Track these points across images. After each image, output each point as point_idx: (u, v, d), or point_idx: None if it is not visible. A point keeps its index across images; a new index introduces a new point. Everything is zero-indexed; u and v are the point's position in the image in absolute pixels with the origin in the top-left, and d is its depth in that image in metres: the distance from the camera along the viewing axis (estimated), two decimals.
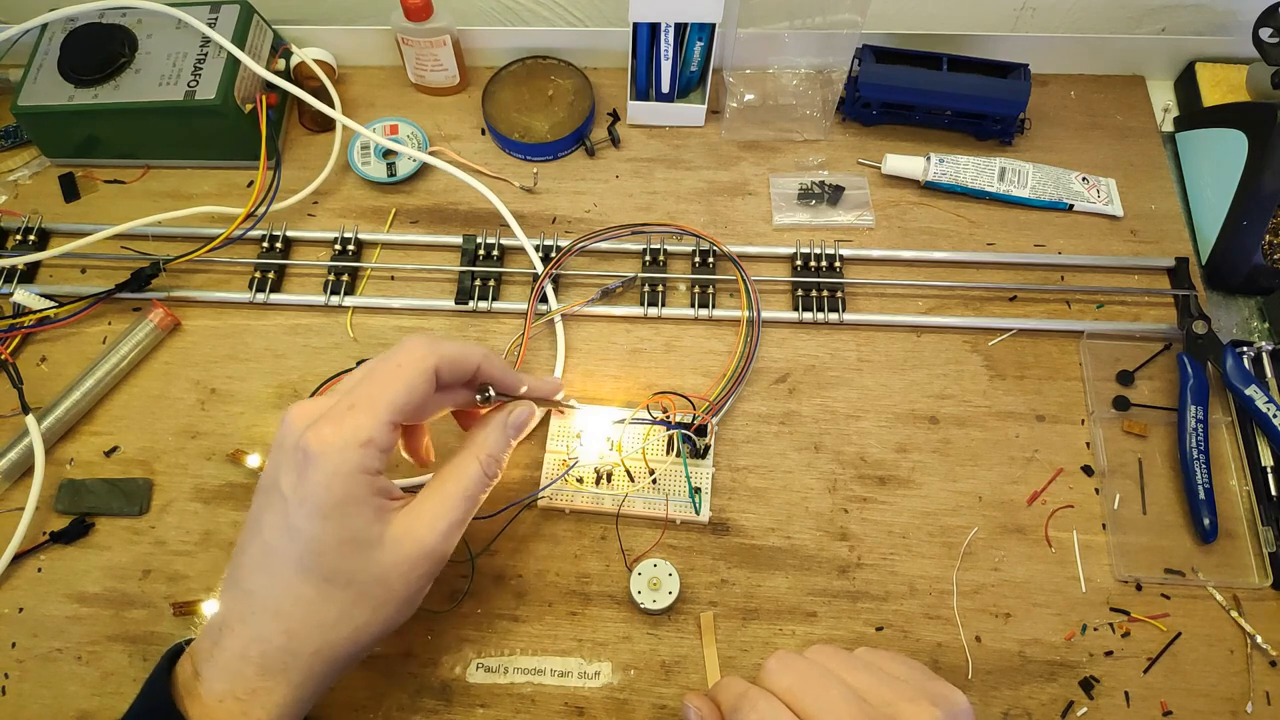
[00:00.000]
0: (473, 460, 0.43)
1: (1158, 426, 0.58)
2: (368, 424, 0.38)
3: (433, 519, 0.41)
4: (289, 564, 0.38)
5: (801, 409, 0.58)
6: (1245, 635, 0.52)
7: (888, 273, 0.64)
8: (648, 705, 0.50)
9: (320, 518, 0.37)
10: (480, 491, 0.44)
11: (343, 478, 0.37)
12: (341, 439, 0.38)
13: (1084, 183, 0.66)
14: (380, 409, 0.39)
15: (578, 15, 0.69)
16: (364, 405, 0.39)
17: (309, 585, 0.38)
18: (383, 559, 0.39)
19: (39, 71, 0.63)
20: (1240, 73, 0.69)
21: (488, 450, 0.44)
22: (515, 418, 0.46)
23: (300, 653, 0.39)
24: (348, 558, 0.38)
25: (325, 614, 0.39)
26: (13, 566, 0.53)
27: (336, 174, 0.67)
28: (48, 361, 0.60)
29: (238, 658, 0.38)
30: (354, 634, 0.40)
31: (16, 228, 0.64)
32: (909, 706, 0.33)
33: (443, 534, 0.41)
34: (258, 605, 0.39)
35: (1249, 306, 0.63)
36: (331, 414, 0.39)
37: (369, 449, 0.38)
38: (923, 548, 0.54)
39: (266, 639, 0.38)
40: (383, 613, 0.40)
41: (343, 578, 0.39)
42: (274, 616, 0.38)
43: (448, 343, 0.42)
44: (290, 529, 0.38)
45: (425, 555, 0.41)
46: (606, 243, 0.64)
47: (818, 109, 0.70)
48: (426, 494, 0.42)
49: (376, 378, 0.40)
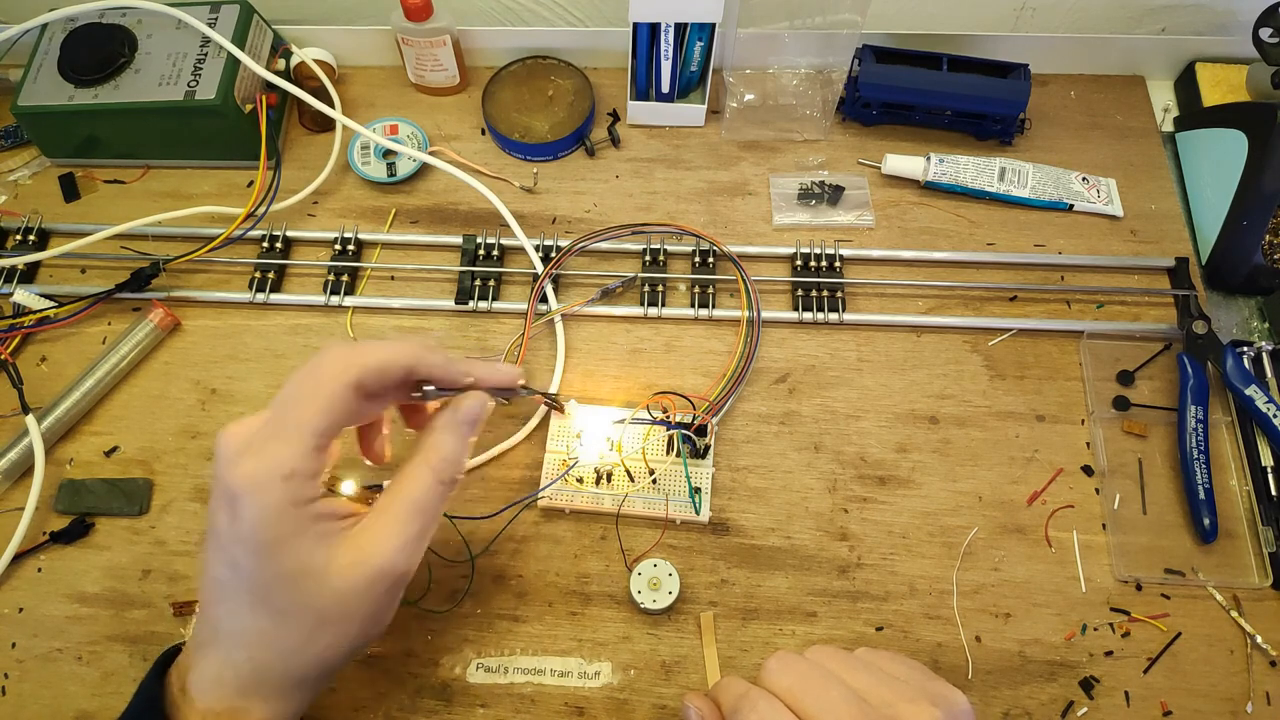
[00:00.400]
0: (423, 467, 0.40)
1: (1158, 426, 0.58)
2: (288, 455, 0.36)
3: (385, 537, 0.38)
4: (240, 599, 0.37)
5: (801, 409, 0.58)
6: (1245, 635, 0.52)
7: (888, 273, 0.64)
8: (648, 705, 0.50)
9: (259, 555, 0.36)
10: (438, 500, 0.40)
11: (273, 516, 0.35)
12: (264, 475, 0.35)
13: (1084, 183, 0.66)
14: (299, 436, 0.36)
15: (578, 15, 0.69)
16: (283, 433, 0.36)
17: (263, 618, 0.37)
18: (335, 585, 0.37)
19: (39, 71, 0.63)
20: (1240, 73, 0.69)
21: (439, 454, 0.40)
22: (464, 414, 0.41)
23: (268, 677, 0.38)
24: (295, 590, 0.37)
25: (286, 642, 0.38)
26: (13, 566, 0.53)
27: (336, 174, 0.67)
28: (48, 361, 0.61)
29: (213, 680, 0.38)
30: (320, 656, 0.39)
31: (16, 228, 0.64)
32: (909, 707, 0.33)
33: (396, 551, 0.38)
34: (221, 635, 0.38)
35: (1249, 306, 0.63)
36: (253, 446, 0.36)
37: (294, 481, 0.36)
38: (923, 548, 0.54)
39: (235, 665, 0.38)
40: (347, 634, 0.39)
41: (295, 609, 0.37)
42: (238, 646, 0.38)
43: (371, 349, 0.38)
44: (233, 566, 0.37)
45: (381, 575, 0.38)
46: (606, 243, 0.64)
47: (818, 109, 0.70)
48: (378, 508, 0.39)
49: (294, 399, 0.37)
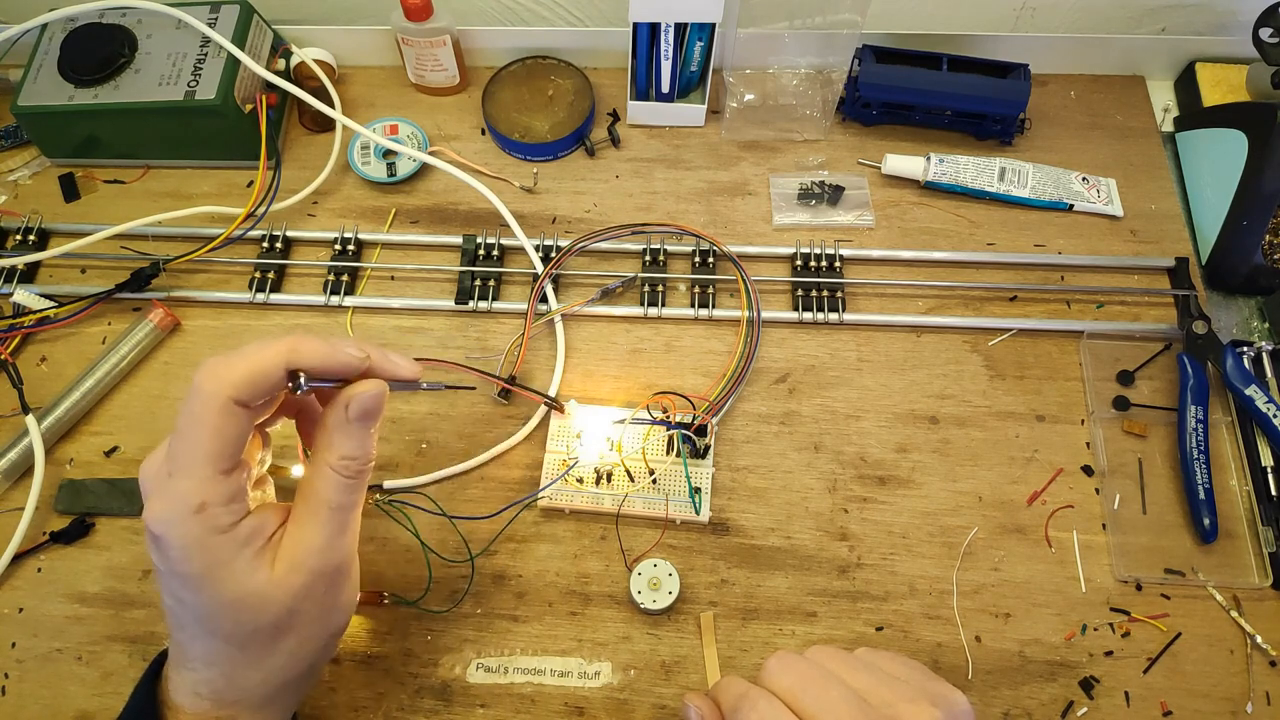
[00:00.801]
0: (323, 469, 0.38)
1: (1158, 426, 0.58)
2: (192, 489, 0.35)
3: (309, 539, 0.38)
4: (192, 627, 0.37)
5: (801, 409, 0.58)
6: (1245, 635, 0.52)
7: (888, 273, 0.64)
8: (648, 705, 0.50)
9: (196, 588, 0.36)
10: (351, 493, 0.39)
11: (196, 549, 0.35)
12: (174, 513, 0.35)
13: (1084, 183, 0.66)
14: (197, 468, 0.35)
15: (578, 15, 0.69)
16: (180, 468, 0.35)
17: (219, 641, 0.37)
18: (279, 596, 0.37)
19: (39, 71, 0.63)
20: (1240, 73, 0.69)
21: (338, 453, 0.38)
22: (355, 406, 0.38)
23: (245, 688, 0.38)
24: (240, 614, 0.37)
25: (249, 657, 0.38)
26: (13, 566, 0.53)
27: (336, 174, 0.67)
28: (48, 361, 0.60)
29: (192, 694, 0.38)
30: (290, 661, 0.39)
31: (16, 228, 0.64)
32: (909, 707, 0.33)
33: (322, 551, 0.38)
34: (190, 656, 0.38)
35: (1249, 306, 0.63)
36: (159, 483, 0.36)
37: (207, 512, 0.35)
38: (923, 548, 0.54)
39: (209, 681, 0.38)
40: (306, 636, 0.39)
41: (246, 630, 0.37)
42: (206, 665, 0.38)
43: (239, 359, 0.36)
44: (177, 600, 0.37)
45: (320, 575, 0.38)
46: (606, 243, 0.63)
47: (818, 109, 0.70)
48: (295, 514, 0.39)
49: (182, 430, 0.36)
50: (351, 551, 0.40)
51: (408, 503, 0.53)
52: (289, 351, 0.37)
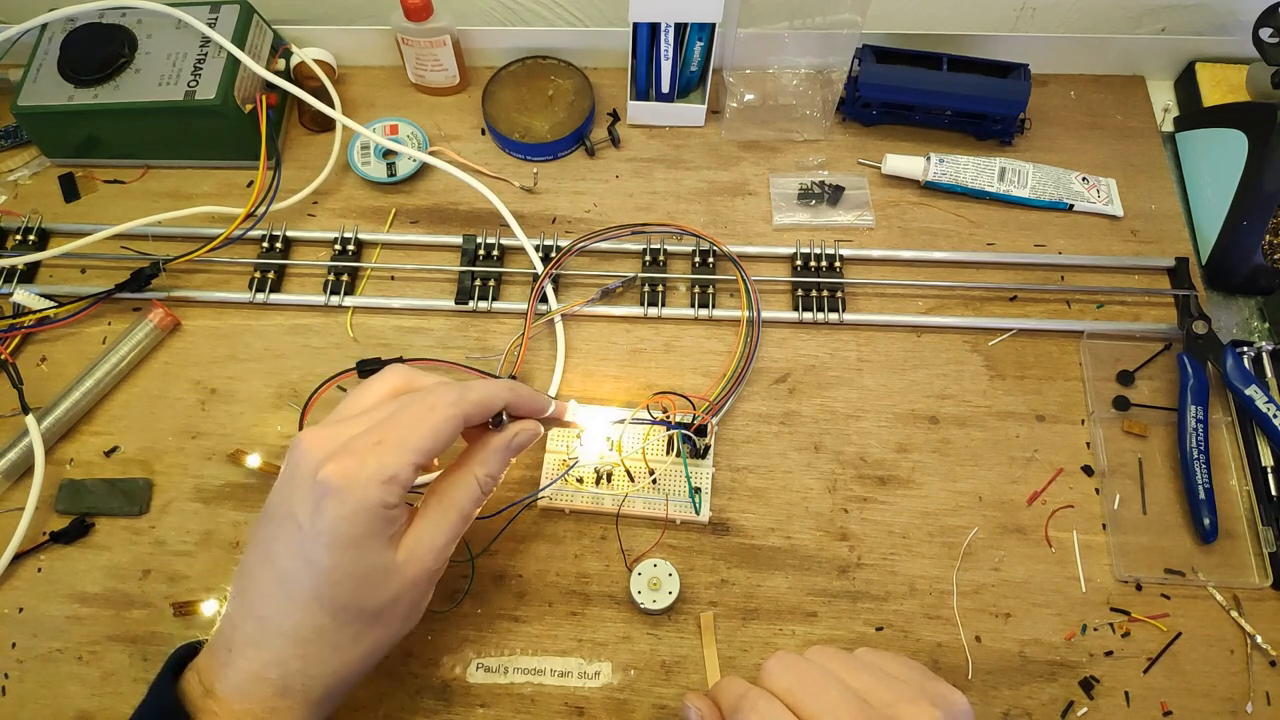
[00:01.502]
0: (470, 479, 0.44)
1: (1158, 426, 0.58)
2: (393, 462, 0.39)
3: (433, 540, 0.42)
4: (305, 594, 0.38)
5: (801, 409, 0.58)
6: (1245, 635, 0.52)
7: (888, 273, 0.64)
8: (648, 705, 0.50)
9: (338, 550, 0.38)
10: (475, 508, 0.44)
11: (365, 513, 0.38)
12: (366, 474, 0.38)
13: (1084, 183, 0.66)
14: (407, 450, 0.39)
15: (578, 15, 0.69)
16: (392, 443, 0.39)
17: (325, 615, 0.39)
18: (393, 584, 0.40)
19: (39, 71, 0.63)
20: (1240, 73, 0.69)
21: (487, 470, 0.44)
22: (520, 439, 0.46)
23: (318, 675, 0.39)
24: (363, 588, 0.39)
25: (341, 639, 0.40)
26: (13, 566, 0.53)
27: (336, 174, 0.67)
28: (48, 361, 0.60)
29: (254, 679, 0.38)
30: (368, 653, 0.41)
31: (16, 228, 0.64)
32: (909, 707, 0.33)
33: (441, 551, 0.42)
34: (272, 630, 0.39)
35: (1249, 306, 0.63)
36: (355, 448, 0.39)
37: (391, 485, 0.39)
38: (923, 548, 0.54)
39: (283, 663, 0.39)
40: (392, 630, 0.42)
41: (357, 606, 0.39)
42: (291, 643, 0.39)
43: (476, 389, 0.43)
44: (307, 560, 0.38)
45: (428, 574, 0.42)
46: (606, 243, 0.64)
47: (818, 109, 0.70)
48: (426, 512, 0.43)
49: (406, 418, 0.41)
50: (448, 559, 0.44)
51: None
52: (511, 396, 0.45)
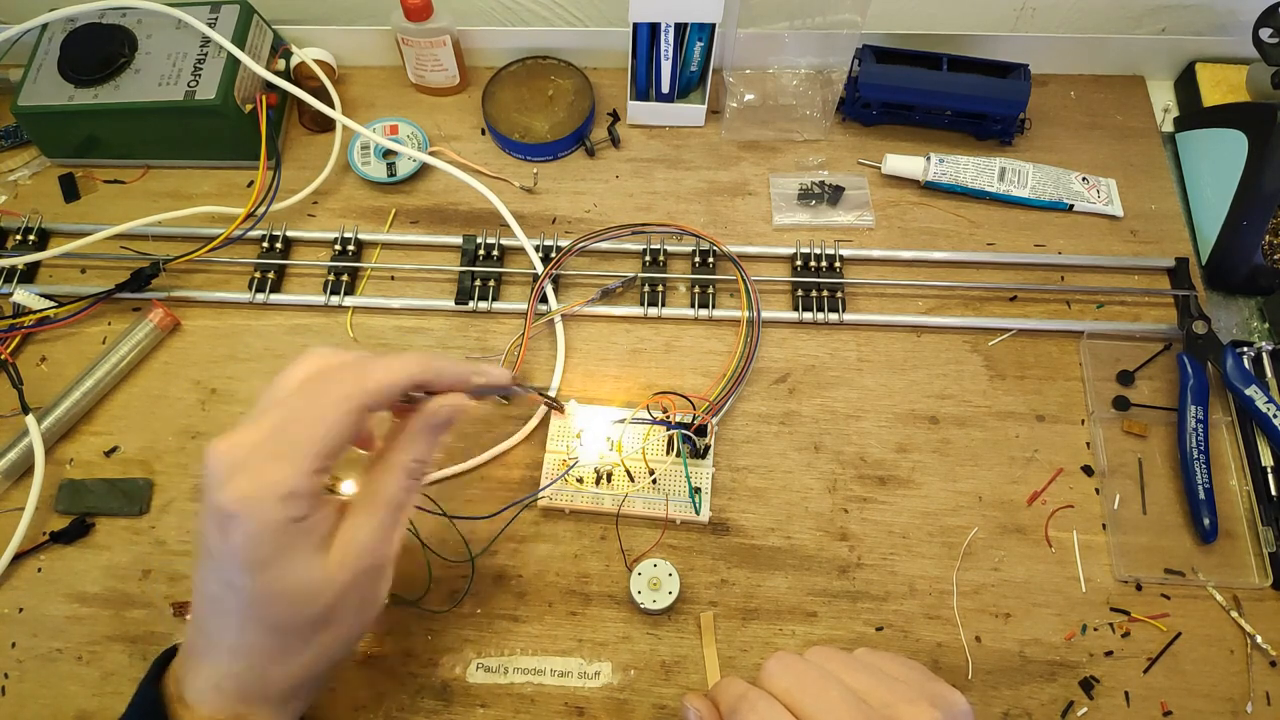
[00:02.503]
0: (395, 467, 0.40)
1: (1158, 426, 0.58)
2: (289, 476, 0.35)
3: (366, 534, 0.39)
4: (236, 615, 0.37)
5: (801, 409, 0.58)
6: (1245, 635, 0.52)
7: (888, 273, 0.64)
8: (648, 705, 0.50)
9: (256, 573, 0.36)
10: (408, 494, 0.41)
11: (271, 534, 0.35)
12: (264, 493, 0.35)
13: (1084, 183, 0.66)
14: (303, 458, 0.36)
15: (578, 15, 0.69)
16: (285, 453, 0.35)
17: (262, 632, 0.37)
18: (330, 589, 0.38)
19: (39, 71, 0.63)
20: (1240, 73, 0.69)
21: (411, 454, 0.40)
22: (440, 418, 0.41)
23: (275, 679, 0.38)
24: (295, 602, 0.37)
25: (288, 647, 0.38)
26: (13, 566, 0.53)
27: (336, 174, 0.67)
28: (48, 361, 0.61)
29: (213, 689, 0.38)
30: (324, 653, 0.39)
31: (16, 228, 0.64)
32: (908, 708, 0.33)
33: (377, 545, 0.39)
34: (218, 646, 0.38)
35: (1249, 306, 0.63)
36: (252, 463, 0.35)
37: (292, 501, 0.35)
38: (923, 548, 0.54)
39: (236, 675, 0.38)
40: (345, 627, 0.40)
41: (293, 619, 0.37)
42: (237, 656, 0.38)
43: (380, 371, 0.38)
44: (229, 585, 0.36)
45: (367, 572, 0.39)
46: (606, 243, 0.63)
47: (818, 109, 0.70)
48: (356, 509, 0.40)
49: (306, 415, 0.37)
50: (395, 550, 0.41)
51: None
52: (421, 373, 0.39)
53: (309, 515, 0.37)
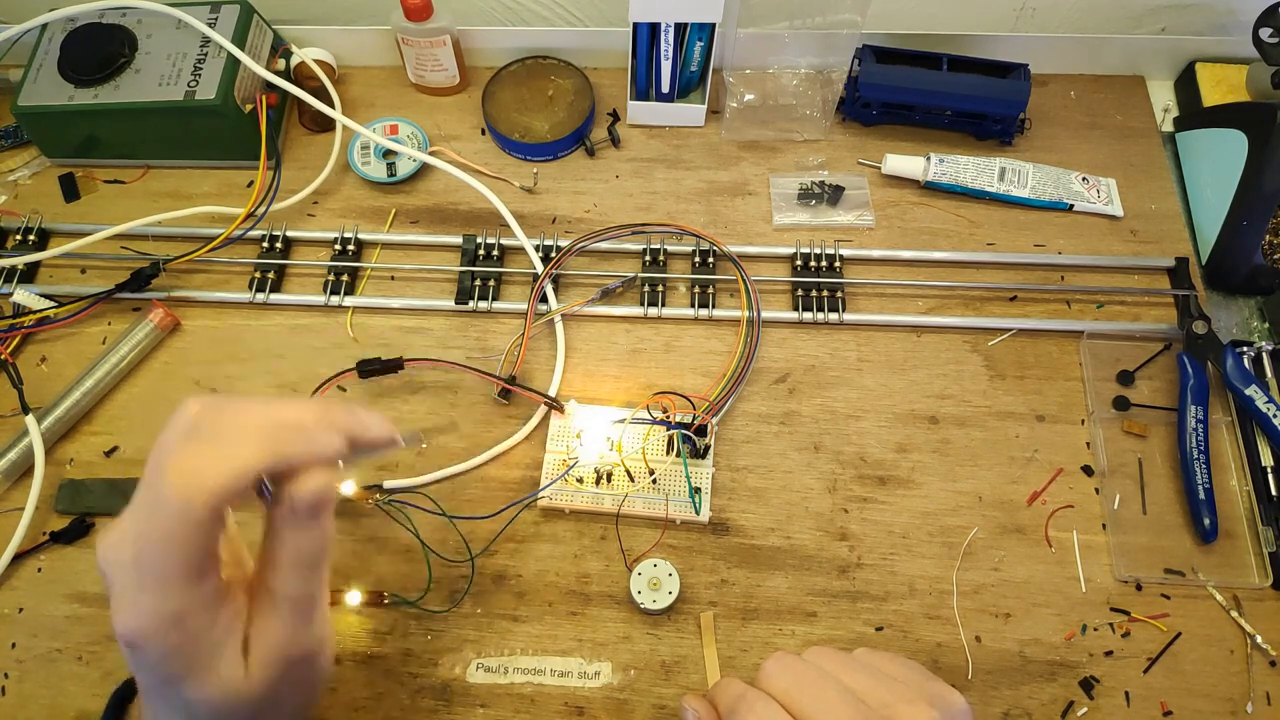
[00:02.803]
0: (284, 568, 0.34)
1: (1158, 426, 0.58)
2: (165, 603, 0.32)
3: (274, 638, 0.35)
4: (173, 715, 0.35)
5: (801, 409, 0.58)
6: (1245, 635, 0.52)
7: (888, 273, 0.64)
8: (648, 705, 0.50)
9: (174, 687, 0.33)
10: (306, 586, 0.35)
11: (176, 656, 0.33)
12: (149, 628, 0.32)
13: (1084, 183, 0.66)
14: (172, 584, 0.31)
15: (578, 15, 0.69)
16: (151, 583, 0.31)
17: None
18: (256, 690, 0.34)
19: (39, 71, 0.63)
20: (1240, 73, 0.69)
21: (291, 548, 0.34)
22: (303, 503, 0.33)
23: None
24: (221, 709, 0.34)
25: None
26: (13, 566, 0.53)
27: (336, 174, 0.67)
28: (48, 361, 0.61)
29: None
30: None
31: (16, 228, 0.64)
32: (907, 708, 0.33)
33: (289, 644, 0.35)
34: None
35: (1249, 306, 0.63)
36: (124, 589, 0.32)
37: (186, 622, 0.32)
38: (923, 548, 0.54)
39: None
40: (286, 710, 0.37)
41: (229, 715, 0.35)
42: None
43: (218, 469, 0.31)
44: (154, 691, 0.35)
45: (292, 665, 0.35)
46: (606, 243, 0.63)
47: (818, 109, 0.70)
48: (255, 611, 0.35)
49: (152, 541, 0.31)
50: (323, 633, 0.37)
51: (408, 503, 0.53)
52: (270, 459, 0.32)
53: (213, 621, 0.33)
